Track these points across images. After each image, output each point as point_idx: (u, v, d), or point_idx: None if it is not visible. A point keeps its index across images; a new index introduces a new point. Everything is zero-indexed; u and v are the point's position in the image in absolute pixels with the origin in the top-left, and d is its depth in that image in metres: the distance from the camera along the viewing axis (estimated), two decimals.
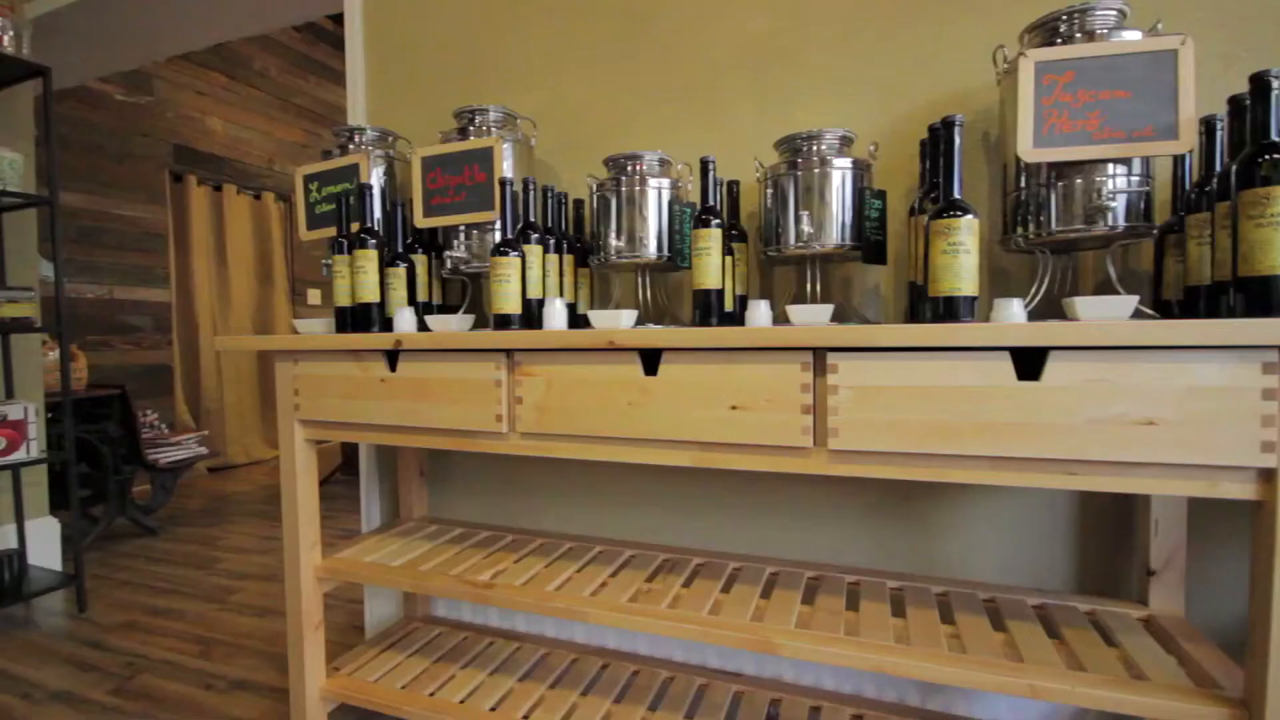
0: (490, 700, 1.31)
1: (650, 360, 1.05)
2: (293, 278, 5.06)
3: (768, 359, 0.97)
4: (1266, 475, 0.77)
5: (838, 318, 1.37)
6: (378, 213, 1.49)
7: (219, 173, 4.47)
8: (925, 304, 0.98)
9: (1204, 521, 1.15)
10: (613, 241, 1.31)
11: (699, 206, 1.16)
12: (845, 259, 1.27)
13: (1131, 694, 0.85)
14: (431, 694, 1.33)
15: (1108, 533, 1.22)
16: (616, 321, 1.12)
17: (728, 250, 1.22)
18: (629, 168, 1.32)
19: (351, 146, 1.53)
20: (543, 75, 1.63)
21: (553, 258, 1.35)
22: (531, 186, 1.31)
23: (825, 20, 1.38)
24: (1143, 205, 1.02)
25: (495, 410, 1.15)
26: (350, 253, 1.36)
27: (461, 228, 1.43)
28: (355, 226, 1.41)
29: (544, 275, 1.34)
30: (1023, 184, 1.08)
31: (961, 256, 0.93)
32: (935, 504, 1.34)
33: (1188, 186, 1.05)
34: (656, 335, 1.01)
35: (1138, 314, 1.02)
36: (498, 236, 1.40)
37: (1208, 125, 1.01)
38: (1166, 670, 0.91)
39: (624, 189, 1.31)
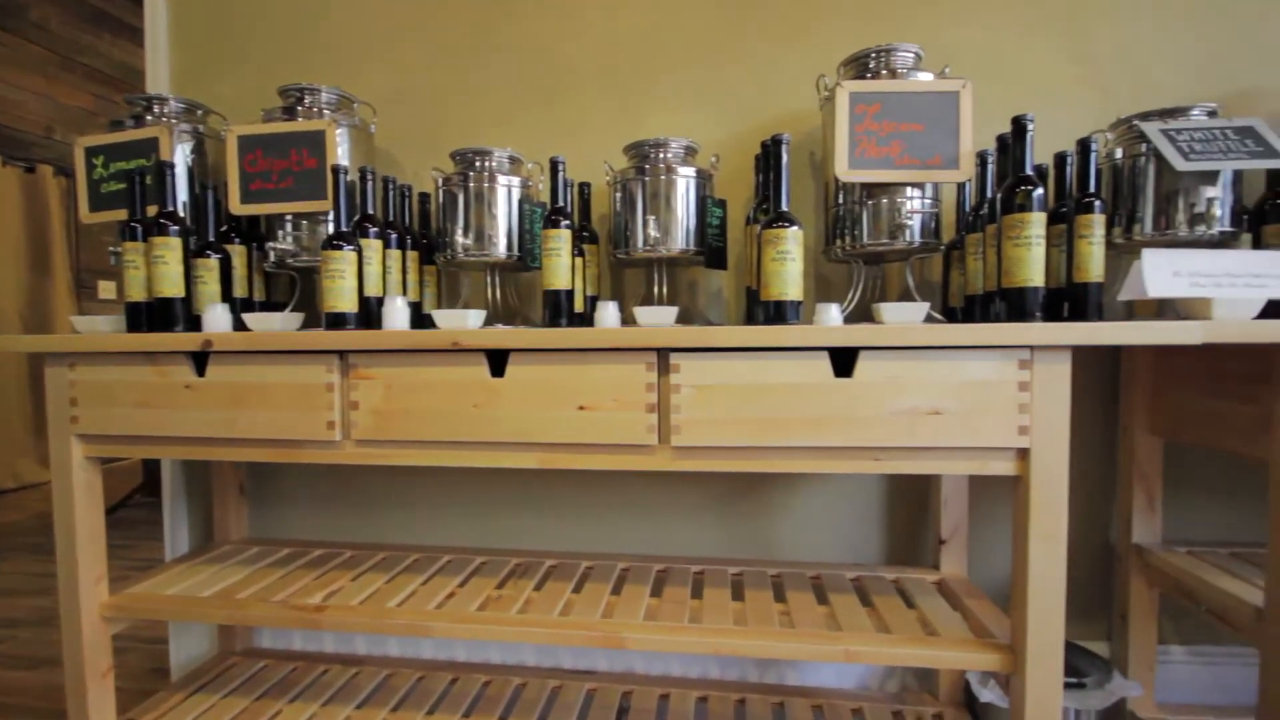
0: None
1: (498, 361, 1.02)
2: (77, 267, 4.30)
3: (615, 359, 0.99)
4: (1022, 454, 0.93)
5: (683, 319, 1.43)
6: (183, 195, 1.31)
7: None
8: (758, 307, 1.05)
9: (982, 495, 1.36)
10: (460, 239, 1.26)
11: (549, 207, 1.16)
12: (691, 263, 1.33)
13: (926, 649, 0.98)
14: None
15: (909, 509, 1.40)
16: (463, 322, 1.08)
17: (578, 252, 1.22)
18: (478, 163, 1.28)
19: (150, 118, 1.33)
20: (386, 57, 1.54)
21: (394, 253, 1.28)
22: (370, 176, 1.23)
23: (680, 34, 1.44)
24: (933, 225, 1.17)
25: (327, 417, 1.06)
26: (146, 240, 1.19)
27: (288, 217, 1.30)
28: (154, 210, 1.23)
29: (384, 272, 1.26)
30: (840, 201, 1.20)
31: (788, 264, 1.01)
32: (771, 493, 1.44)
33: (967, 210, 1.22)
34: (503, 336, 0.99)
35: (929, 319, 1.18)
36: (331, 228, 1.29)
37: (982, 158, 1.19)
38: (953, 625, 1.06)
39: (472, 185, 1.27)
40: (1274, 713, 0.92)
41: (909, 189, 1.16)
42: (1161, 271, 0.97)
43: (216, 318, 1.14)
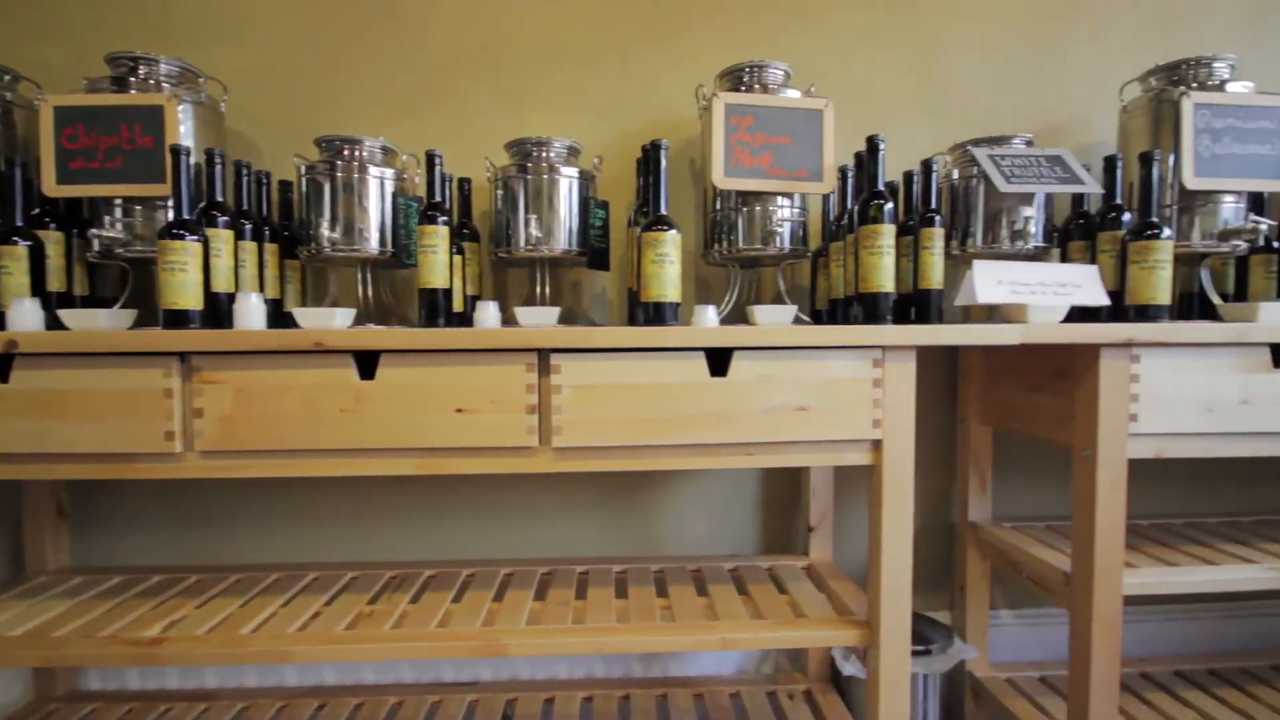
0: None
1: (368, 363, 0.96)
2: None
3: (495, 360, 0.96)
4: (876, 445, 1.01)
5: (566, 320, 1.42)
6: None
7: None
8: (639, 308, 1.07)
9: (846, 484, 1.47)
10: (326, 232, 1.18)
11: (426, 201, 1.11)
12: (574, 264, 1.33)
13: (794, 631, 1.04)
14: None
15: (782, 500, 1.48)
16: (328, 320, 1.01)
17: (457, 249, 1.19)
18: (346, 152, 1.20)
19: None
20: (241, 27, 1.40)
21: (249, 245, 1.17)
22: (219, 160, 1.12)
23: (567, 34, 1.43)
24: (802, 232, 1.25)
25: (165, 426, 0.95)
26: None
27: (118, 201, 1.15)
28: None
29: (236, 265, 1.15)
30: (718, 207, 1.25)
31: (667, 266, 1.04)
32: (655, 489, 1.47)
33: (831, 219, 1.32)
34: (373, 336, 0.94)
35: (797, 320, 1.25)
36: (171, 215, 1.16)
37: (843, 172, 1.29)
38: (819, 607, 1.13)
39: (340, 175, 1.19)
40: (1080, 662, 1.07)
41: (779, 198, 1.23)
42: (988, 280, 1.09)
43: (24, 314, 0.99)
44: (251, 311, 1.02)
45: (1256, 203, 1.22)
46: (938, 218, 1.15)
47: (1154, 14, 1.50)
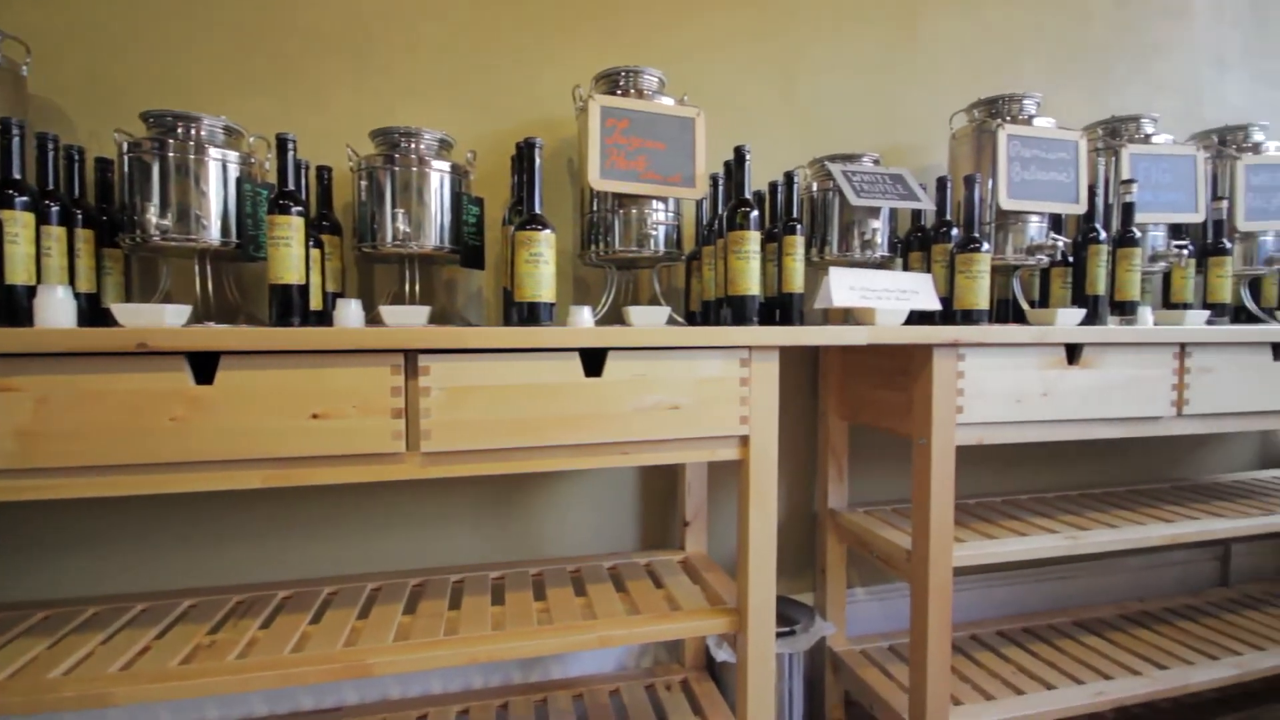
0: None
1: (206, 366, 0.87)
2: None
3: (357, 362, 0.91)
4: (744, 441, 1.06)
5: (440, 320, 1.37)
6: None
7: None
8: (513, 308, 1.05)
9: (719, 479, 1.53)
10: (154, 218, 1.05)
11: (277, 189, 1.02)
12: (447, 261, 1.28)
13: (669, 623, 1.07)
14: None
15: (660, 496, 1.52)
16: (156, 318, 0.90)
17: (315, 243, 1.10)
18: (181, 129, 1.08)
19: None
20: None
21: (55, 230, 1.02)
22: (17, 131, 0.96)
23: (439, 20, 1.37)
24: (676, 236, 1.29)
25: None
26: None
27: None
28: None
29: (39, 253, 0.99)
30: (595, 208, 1.26)
31: (541, 266, 1.03)
32: (534, 492, 1.46)
33: (703, 224, 1.37)
34: (209, 336, 0.85)
35: (671, 321, 1.29)
36: None
37: (715, 180, 1.34)
38: (693, 598, 1.17)
39: (173, 154, 1.06)
40: (919, 629, 1.19)
41: (655, 202, 1.25)
42: (842, 286, 1.19)
43: None
44: (56, 306, 0.88)
45: (1056, 223, 1.42)
46: (799, 226, 1.23)
47: (981, 55, 1.70)
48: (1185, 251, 1.42)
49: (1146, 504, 1.55)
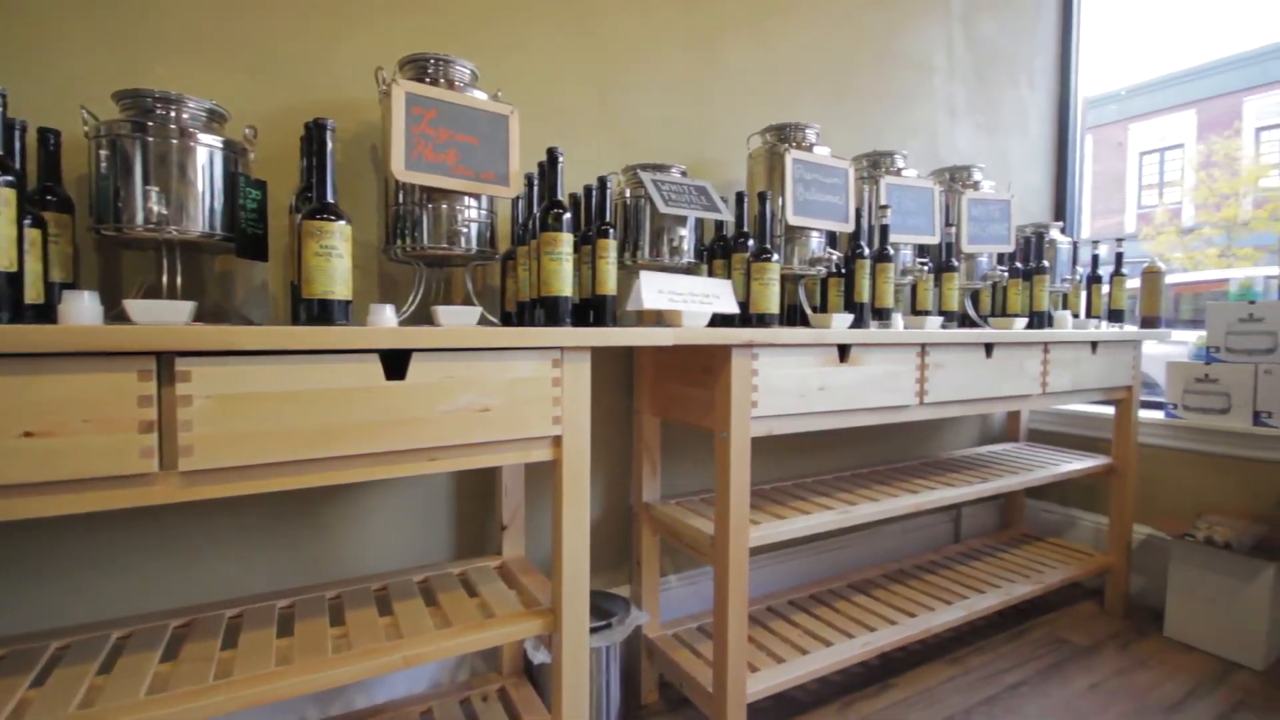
0: None
1: None
2: None
3: (90, 367, 0.75)
4: (556, 441, 1.07)
5: (212, 317, 1.20)
6: None
7: None
8: (301, 305, 0.95)
9: (536, 480, 1.52)
10: None
11: None
12: (219, 250, 1.12)
13: (482, 632, 1.04)
14: None
15: (476, 501, 1.47)
16: None
17: (32, 221, 0.90)
18: None
19: None
20: None
21: None
22: None
23: None
24: (489, 234, 1.26)
25: None
26: None
27: None
28: None
29: None
30: (401, 200, 1.18)
31: (334, 260, 0.94)
32: (333, 506, 1.33)
33: (519, 224, 1.35)
34: None
35: (483, 321, 1.26)
36: None
37: (530, 180, 1.33)
38: (509, 603, 1.15)
39: None
40: (721, 606, 1.29)
41: (467, 198, 1.21)
42: (652, 289, 1.25)
43: None
44: None
45: (832, 239, 1.62)
46: (612, 230, 1.26)
47: (773, 84, 1.89)
48: (926, 268, 1.71)
49: (900, 479, 1.83)
